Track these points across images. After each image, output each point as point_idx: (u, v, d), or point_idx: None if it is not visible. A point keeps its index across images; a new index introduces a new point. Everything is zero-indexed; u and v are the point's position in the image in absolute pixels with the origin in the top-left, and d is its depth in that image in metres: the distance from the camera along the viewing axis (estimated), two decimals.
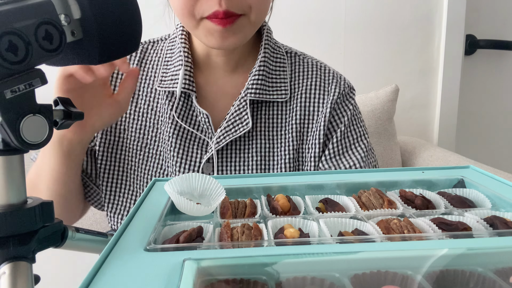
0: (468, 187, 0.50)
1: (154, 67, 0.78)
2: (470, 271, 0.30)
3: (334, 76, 0.79)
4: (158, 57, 0.78)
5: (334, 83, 0.78)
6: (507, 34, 1.78)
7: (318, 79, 0.78)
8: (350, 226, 0.41)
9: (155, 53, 0.79)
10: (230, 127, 0.73)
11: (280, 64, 0.78)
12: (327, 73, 0.80)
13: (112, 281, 0.30)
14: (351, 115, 0.79)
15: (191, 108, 0.74)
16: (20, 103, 0.30)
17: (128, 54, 0.39)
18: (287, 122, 0.76)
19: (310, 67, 0.79)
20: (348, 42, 1.54)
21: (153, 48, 0.80)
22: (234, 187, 0.50)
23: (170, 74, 0.74)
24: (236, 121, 0.73)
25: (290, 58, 0.80)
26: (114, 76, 0.77)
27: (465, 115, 1.77)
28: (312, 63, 0.80)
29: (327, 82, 0.78)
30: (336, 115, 0.77)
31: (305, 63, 0.80)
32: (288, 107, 0.76)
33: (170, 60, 0.76)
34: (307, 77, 0.78)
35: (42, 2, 0.31)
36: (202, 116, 0.73)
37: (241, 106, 0.73)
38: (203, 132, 0.74)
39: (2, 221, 0.32)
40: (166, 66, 0.76)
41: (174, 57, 0.75)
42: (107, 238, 0.45)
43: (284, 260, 0.32)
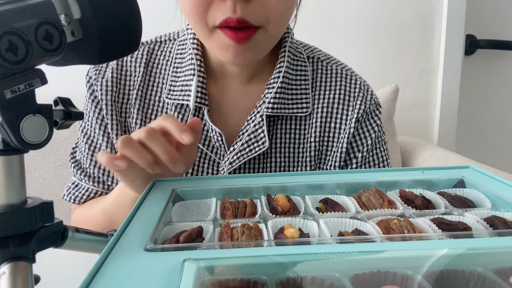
0: (468, 187, 0.50)
1: (162, 72, 0.70)
2: (470, 271, 0.30)
3: (361, 88, 0.71)
4: (167, 60, 0.70)
5: (360, 98, 0.70)
6: (507, 34, 1.78)
7: (342, 91, 0.70)
8: (350, 226, 0.41)
9: (162, 55, 0.71)
10: (244, 146, 0.66)
11: (301, 73, 0.69)
12: (352, 84, 0.71)
13: (112, 281, 0.30)
14: (375, 137, 0.71)
15: (202, 122, 0.67)
16: (20, 103, 0.30)
17: (128, 54, 0.39)
18: (305, 139, 0.69)
19: (334, 76, 0.71)
20: (348, 42, 1.54)
21: (161, 49, 0.72)
22: (234, 187, 0.50)
23: (180, 84, 0.67)
24: (251, 139, 0.66)
25: (312, 64, 0.71)
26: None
27: (465, 115, 1.77)
28: (337, 71, 0.71)
29: (352, 96, 0.70)
30: (358, 135, 0.70)
31: (328, 70, 0.71)
32: (307, 122, 0.69)
33: (180, 67, 0.68)
34: (329, 88, 0.70)
35: (42, 2, 0.31)
36: (214, 134, 0.66)
37: (257, 123, 0.66)
38: (214, 150, 0.67)
39: (2, 221, 0.32)
40: (176, 74, 0.68)
41: (185, 64, 0.68)
42: (107, 238, 0.45)
43: (284, 260, 0.32)
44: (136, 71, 0.70)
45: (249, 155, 0.66)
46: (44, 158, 1.21)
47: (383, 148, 0.73)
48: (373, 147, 0.71)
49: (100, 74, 0.70)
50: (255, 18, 0.56)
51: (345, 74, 0.72)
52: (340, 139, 0.69)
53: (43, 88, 0.32)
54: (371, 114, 0.71)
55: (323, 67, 0.72)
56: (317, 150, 0.69)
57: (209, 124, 0.66)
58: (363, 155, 0.70)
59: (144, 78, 0.70)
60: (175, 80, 0.68)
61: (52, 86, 0.56)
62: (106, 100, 0.69)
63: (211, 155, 0.67)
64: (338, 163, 0.69)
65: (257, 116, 0.66)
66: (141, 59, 0.70)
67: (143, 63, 0.70)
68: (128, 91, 0.70)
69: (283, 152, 0.68)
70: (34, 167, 1.21)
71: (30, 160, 1.20)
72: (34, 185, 1.20)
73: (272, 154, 0.68)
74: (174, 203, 0.47)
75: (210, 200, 0.48)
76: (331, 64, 0.72)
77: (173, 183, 0.53)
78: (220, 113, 0.69)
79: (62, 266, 1.21)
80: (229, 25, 0.55)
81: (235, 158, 0.66)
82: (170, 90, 0.68)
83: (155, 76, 0.70)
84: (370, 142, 0.70)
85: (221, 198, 0.49)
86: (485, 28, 1.76)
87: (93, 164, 0.71)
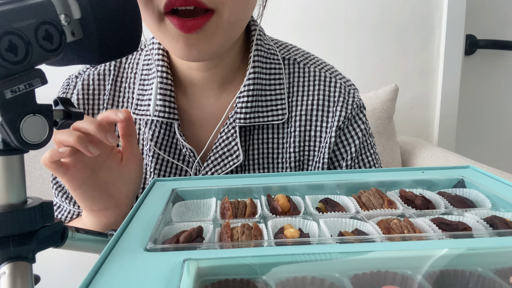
0: (468, 187, 0.50)
1: (131, 86, 0.64)
2: (470, 271, 0.30)
3: (341, 91, 0.65)
4: (134, 73, 0.65)
5: (340, 103, 0.64)
6: (507, 34, 1.78)
7: (321, 96, 0.64)
8: (350, 226, 0.41)
9: (130, 68, 0.65)
10: (218, 160, 0.61)
11: (276, 77, 0.63)
12: (332, 87, 0.65)
13: (112, 281, 0.30)
14: (359, 143, 0.65)
15: (174, 136, 0.62)
16: (20, 103, 0.30)
17: (128, 54, 0.39)
18: (284, 148, 0.64)
19: (312, 79, 0.65)
20: (348, 42, 1.54)
21: (128, 62, 0.66)
22: (234, 187, 0.50)
23: (147, 98, 0.62)
24: (224, 153, 0.61)
25: (288, 67, 0.65)
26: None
27: (465, 115, 1.77)
28: (315, 73, 0.65)
29: (332, 100, 0.64)
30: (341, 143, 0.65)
31: (306, 73, 0.65)
32: (285, 130, 0.63)
33: (147, 79, 0.62)
34: (307, 93, 0.64)
35: (42, 2, 0.31)
36: (186, 150, 0.62)
37: (230, 135, 0.61)
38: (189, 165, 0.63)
39: (2, 221, 0.32)
40: (143, 87, 0.63)
41: (151, 76, 0.62)
42: (107, 238, 0.45)
43: (284, 260, 0.32)
44: (105, 89, 0.66)
45: (223, 170, 0.61)
46: None
47: (369, 153, 0.67)
48: (358, 154, 0.66)
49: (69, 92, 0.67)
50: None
51: (323, 76, 0.65)
52: (321, 148, 0.64)
53: (43, 88, 0.32)
54: (354, 119, 0.65)
55: (300, 69, 0.66)
56: (298, 161, 0.64)
57: (180, 141, 0.62)
58: (347, 164, 0.65)
59: (112, 95, 0.66)
60: (142, 93, 0.63)
61: (52, 86, 0.56)
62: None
63: (188, 170, 0.63)
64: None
65: (229, 128, 0.61)
66: (108, 75, 0.66)
67: (110, 79, 0.65)
68: (98, 111, 0.66)
69: (261, 163, 0.64)
70: (34, 167, 1.21)
71: (30, 160, 1.20)
72: (34, 185, 1.20)
73: (250, 166, 0.63)
74: (174, 203, 0.47)
75: (210, 200, 0.48)
76: (308, 65, 0.66)
77: (173, 183, 0.53)
78: (193, 126, 0.64)
79: (62, 266, 1.21)
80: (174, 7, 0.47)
81: (209, 174, 0.62)
82: (137, 104, 0.62)
83: (124, 91, 0.65)
84: (354, 149, 0.65)
85: (221, 198, 0.49)
86: (485, 28, 1.76)
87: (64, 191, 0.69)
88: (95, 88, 0.66)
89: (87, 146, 0.49)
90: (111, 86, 0.65)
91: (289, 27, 1.49)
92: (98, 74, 0.67)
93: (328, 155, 0.64)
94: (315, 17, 1.50)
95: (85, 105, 0.66)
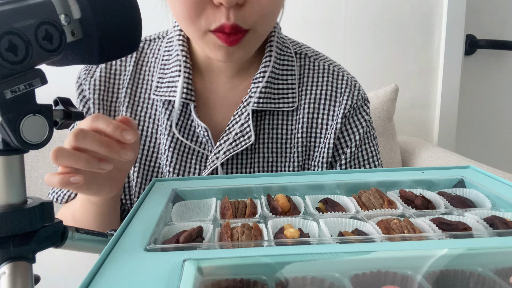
0: (468, 187, 0.50)
1: (151, 69, 0.71)
2: (470, 271, 0.30)
3: (348, 84, 0.71)
4: (155, 57, 0.71)
5: (347, 93, 0.70)
6: (507, 34, 1.78)
7: (329, 87, 0.70)
8: (350, 226, 0.41)
9: (151, 53, 0.72)
10: (230, 140, 0.66)
11: (288, 68, 0.70)
12: (340, 80, 0.71)
13: (112, 281, 0.30)
14: (363, 132, 0.70)
15: (189, 118, 0.68)
16: (20, 103, 0.30)
17: (128, 54, 0.39)
18: (292, 134, 0.69)
19: (321, 72, 0.71)
20: (348, 42, 1.54)
21: (150, 48, 0.72)
22: (234, 187, 0.50)
23: (167, 81, 0.68)
24: (237, 134, 0.66)
25: (300, 60, 0.71)
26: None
27: (465, 115, 1.77)
28: (324, 67, 0.71)
29: (339, 91, 0.70)
30: (346, 131, 0.70)
31: (315, 66, 0.71)
32: (294, 117, 0.69)
33: (167, 63, 0.69)
34: (316, 84, 0.70)
35: (42, 2, 0.31)
36: (200, 129, 0.67)
37: (243, 117, 0.66)
38: (201, 146, 0.68)
39: (2, 221, 0.32)
40: (163, 70, 0.69)
41: (172, 60, 0.68)
42: (107, 238, 0.45)
43: (284, 260, 0.32)
44: (126, 70, 0.71)
45: (235, 149, 0.66)
46: (44, 158, 1.21)
47: (372, 143, 0.72)
48: (362, 143, 0.71)
49: (90, 74, 0.71)
50: (247, 22, 0.57)
51: (332, 70, 0.71)
52: (327, 134, 0.69)
53: (43, 88, 0.32)
54: (359, 110, 0.71)
55: (311, 63, 0.72)
56: (305, 146, 0.69)
57: (196, 120, 0.66)
58: (351, 151, 0.70)
59: (133, 76, 0.71)
60: (162, 77, 0.69)
61: (52, 86, 0.56)
62: (94, 98, 0.69)
63: (199, 150, 0.67)
64: (326, 159, 0.69)
65: (243, 111, 0.66)
66: (130, 57, 0.71)
67: (132, 62, 0.71)
68: (117, 90, 0.71)
69: (270, 147, 0.68)
70: (34, 167, 1.21)
71: (30, 160, 1.20)
72: (34, 185, 1.20)
73: (260, 149, 0.68)
74: (174, 203, 0.47)
75: (210, 200, 0.48)
76: (318, 60, 0.72)
77: (173, 183, 0.53)
78: (207, 109, 0.69)
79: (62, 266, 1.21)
80: (223, 31, 0.56)
81: (221, 153, 0.66)
82: (157, 87, 0.68)
83: (145, 74, 0.71)
84: (358, 137, 0.70)
85: (221, 198, 0.49)
86: (485, 28, 1.76)
87: None
88: (116, 68, 0.71)
89: (99, 165, 0.48)
90: (133, 68, 0.70)
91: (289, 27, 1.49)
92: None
93: (333, 140, 0.69)
94: (315, 17, 1.50)
95: (106, 83, 0.70)
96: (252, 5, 0.56)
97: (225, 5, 0.53)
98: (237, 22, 0.56)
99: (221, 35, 0.57)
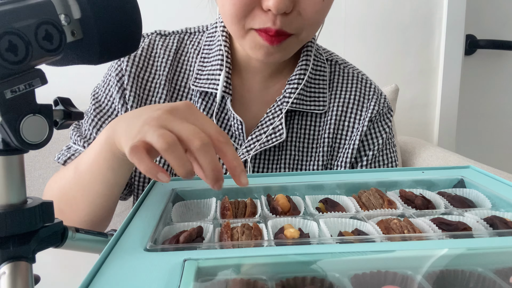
0: (468, 187, 0.50)
1: (190, 60, 0.74)
2: (470, 271, 0.30)
3: (375, 92, 0.76)
4: (195, 49, 0.75)
5: (374, 100, 0.74)
6: (507, 34, 1.78)
7: (357, 93, 0.75)
8: (350, 226, 0.41)
9: (191, 44, 0.75)
10: (262, 136, 0.69)
11: (321, 73, 0.74)
12: (367, 87, 0.76)
13: (112, 281, 0.30)
14: (386, 138, 0.75)
15: (223, 111, 0.71)
16: (20, 103, 0.30)
17: (128, 55, 0.39)
18: (320, 135, 0.73)
19: (350, 79, 0.76)
20: (348, 42, 1.54)
21: (190, 39, 0.76)
22: (234, 187, 0.50)
23: (206, 73, 0.71)
24: (269, 130, 0.69)
25: (330, 66, 0.76)
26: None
27: (465, 115, 1.77)
28: (353, 74, 0.76)
29: (367, 98, 0.75)
30: (370, 134, 0.74)
31: (345, 73, 0.76)
32: (323, 119, 0.73)
33: (207, 57, 0.72)
34: (345, 89, 0.75)
35: (42, 2, 0.31)
36: (235, 122, 0.69)
37: (276, 115, 0.70)
38: (232, 138, 0.71)
39: (2, 221, 0.32)
40: (203, 63, 0.72)
41: (212, 54, 0.72)
42: (107, 238, 0.45)
43: (284, 260, 0.32)
44: (166, 55, 0.73)
45: (266, 144, 0.68)
46: (44, 158, 1.21)
47: (392, 150, 0.76)
48: (384, 147, 0.75)
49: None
50: (292, 27, 0.59)
51: (360, 77, 0.76)
52: (352, 136, 0.73)
53: (43, 88, 0.32)
54: (384, 116, 0.75)
55: (340, 70, 0.76)
56: (330, 147, 0.72)
57: (231, 113, 0.69)
58: (373, 153, 0.74)
59: (173, 63, 0.74)
60: (201, 69, 0.72)
61: (52, 86, 0.56)
62: (130, 72, 0.71)
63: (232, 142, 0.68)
64: (350, 159, 0.73)
65: (276, 110, 0.70)
66: (171, 46, 0.74)
67: (173, 50, 0.74)
68: (155, 72, 0.73)
69: (297, 146, 0.72)
70: (34, 167, 1.21)
71: (30, 160, 1.20)
72: (34, 185, 1.20)
73: (288, 147, 0.71)
74: (174, 203, 0.47)
75: (210, 200, 0.48)
76: (347, 68, 0.77)
77: (173, 183, 0.53)
78: (241, 105, 0.73)
79: (62, 266, 1.21)
80: (267, 33, 0.59)
81: (252, 146, 0.69)
82: (196, 78, 0.71)
83: (183, 63, 0.74)
84: (381, 141, 0.74)
85: (221, 198, 0.49)
86: (485, 28, 1.76)
87: (93, 125, 0.71)
88: (157, 52, 0.74)
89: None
90: (173, 56, 0.74)
91: None
92: (164, 41, 0.75)
93: (358, 142, 0.73)
94: None
95: (145, 62, 0.73)
96: (299, 13, 0.59)
97: (274, 12, 0.56)
98: (282, 28, 0.58)
99: (264, 34, 0.59)
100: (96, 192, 0.57)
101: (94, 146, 0.54)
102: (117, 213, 1.18)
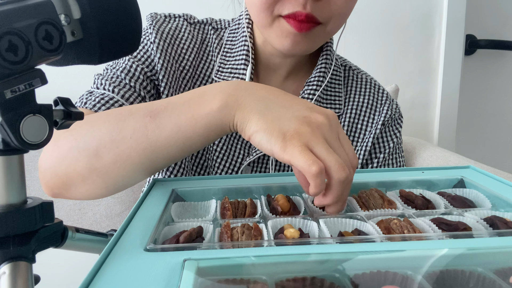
0: (468, 187, 0.50)
1: (215, 50, 0.75)
2: (470, 271, 0.30)
3: (388, 98, 0.78)
4: (219, 40, 0.76)
5: (387, 105, 0.77)
6: (507, 34, 1.78)
7: (371, 97, 0.77)
8: (350, 226, 0.41)
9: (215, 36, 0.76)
10: None
11: (337, 77, 0.76)
12: (380, 93, 0.78)
13: (112, 281, 0.30)
14: (396, 143, 0.77)
15: None
16: (20, 103, 0.30)
17: (128, 55, 0.39)
18: None
19: (364, 84, 0.78)
20: (347, 42, 1.53)
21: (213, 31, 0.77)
22: (234, 187, 0.50)
23: (229, 67, 0.72)
24: None
25: (345, 71, 0.79)
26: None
27: (465, 115, 1.77)
28: (366, 80, 0.78)
29: (380, 102, 0.77)
30: (381, 138, 0.76)
31: (358, 78, 0.78)
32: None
33: (230, 52, 0.73)
34: (359, 94, 0.77)
35: (42, 2, 0.31)
36: None
37: None
38: None
39: (2, 221, 0.32)
40: (225, 57, 0.73)
41: (235, 50, 0.73)
42: (107, 238, 0.45)
43: (284, 260, 0.32)
44: (192, 42, 0.75)
45: None
46: None
47: (401, 155, 0.79)
48: (394, 151, 0.77)
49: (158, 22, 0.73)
50: (322, 15, 0.60)
51: (373, 83, 0.79)
52: (365, 139, 0.75)
53: (43, 88, 0.32)
54: (395, 121, 0.78)
55: (354, 75, 0.79)
56: None
57: None
58: (384, 156, 0.76)
59: (198, 51, 0.75)
60: (224, 62, 0.73)
61: (52, 86, 0.56)
62: (158, 44, 0.70)
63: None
64: (361, 161, 0.74)
65: None
66: (197, 35, 0.76)
67: (199, 39, 0.75)
68: (183, 53, 0.73)
69: None
70: (34, 167, 1.20)
71: (30, 160, 1.20)
72: (34, 185, 1.20)
73: None
74: (174, 203, 0.47)
75: (210, 200, 0.48)
76: (361, 73, 0.80)
77: (173, 183, 0.53)
78: None
79: (62, 266, 1.21)
80: (296, 19, 0.59)
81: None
82: (218, 70, 0.73)
83: (208, 53, 0.75)
84: (392, 145, 0.76)
85: (221, 198, 0.49)
86: (485, 28, 1.75)
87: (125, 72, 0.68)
88: (184, 35, 0.75)
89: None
90: (199, 45, 0.75)
91: None
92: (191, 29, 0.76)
93: (370, 144, 0.75)
94: None
95: (173, 40, 0.73)
96: (329, 1, 0.60)
97: None
98: (312, 13, 0.59)
99: (293, 21, 0.60)
100: (166, 153, 0.48)
101: (191, 105, 0.47)
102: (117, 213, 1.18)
